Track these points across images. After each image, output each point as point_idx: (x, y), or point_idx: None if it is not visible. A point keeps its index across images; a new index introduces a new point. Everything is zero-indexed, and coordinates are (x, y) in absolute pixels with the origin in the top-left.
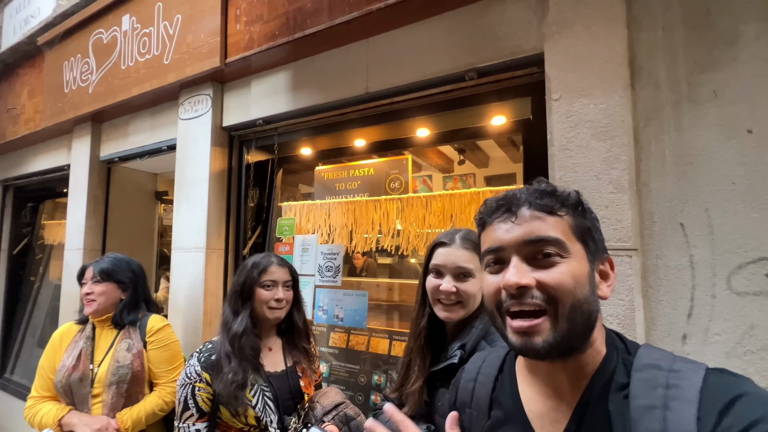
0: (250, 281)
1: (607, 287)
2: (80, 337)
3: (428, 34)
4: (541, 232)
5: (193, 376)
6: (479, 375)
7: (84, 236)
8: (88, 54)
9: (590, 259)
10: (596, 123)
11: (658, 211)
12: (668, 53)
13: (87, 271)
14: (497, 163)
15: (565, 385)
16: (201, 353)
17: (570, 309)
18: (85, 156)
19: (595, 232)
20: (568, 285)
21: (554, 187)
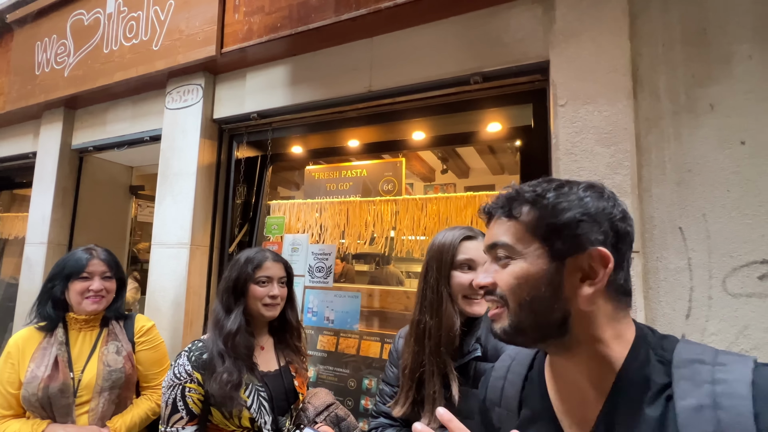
0: (243, 277)
1: (589, 286)
2: (49, 343)
3: (434, 37)
4: (496, 238)
5: (183, 376)
6: (509, 373)
7: (49, 229)
8: (65, 35)
9: (553, 258)
10: (600, 129)
11: (658, 215)
12: (668, 67)
13: (93, 264)
14: (477, 173)
15: (585, 383)
16: (191, 352)
17: (518, 305)
18: (55, 143)
19: (566, 229)
20: (510, 285)
21: (517, 190)
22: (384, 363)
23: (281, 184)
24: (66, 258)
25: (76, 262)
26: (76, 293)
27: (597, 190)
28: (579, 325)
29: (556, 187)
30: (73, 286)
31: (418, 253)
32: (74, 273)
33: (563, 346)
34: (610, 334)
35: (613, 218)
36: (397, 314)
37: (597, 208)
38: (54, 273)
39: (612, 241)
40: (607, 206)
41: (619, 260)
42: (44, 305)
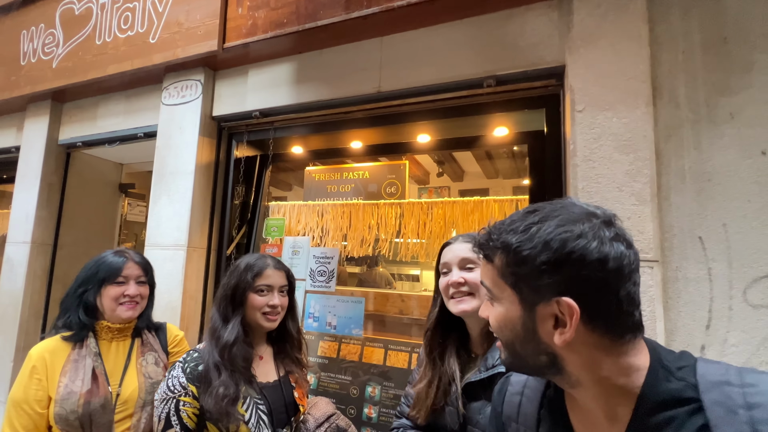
0: (243, 285)
1: (560, 335)
2: (80, 355)
3: (447, 38)
4: (482, 277)
5: (177, 389)
6: (526, 389)
7: (33, 228)
8: (54, 24)
9: (524, 304)
10: (619, 136)
11: (677, 225)
12: (688, 75)
13: (128, 268)
14: (472, 177)
15: (600, 414)
16: (186, 363)
17: (504, 344)
18: (41, 138)
19: (532, 279)
20: (493, 326)
21: (490, 235)
22: (387, 370)
23: (274, 185)
24: (98, 261)
25: (111, 265)
26: (111, 299)
27: (568, 228)
28: (573, 366)
29: (524, 229)
30: (107, 291)
31: (423, 257)
32: (109, 277)
33: (566, 383)
34: (614, 370)
35: (584, 261)
36: (394, 318)
37: (562, 252)
38: (86, 277)
39: (583, 286)
40: (575, 248)
41: (598, 304)
42: (75, 312)
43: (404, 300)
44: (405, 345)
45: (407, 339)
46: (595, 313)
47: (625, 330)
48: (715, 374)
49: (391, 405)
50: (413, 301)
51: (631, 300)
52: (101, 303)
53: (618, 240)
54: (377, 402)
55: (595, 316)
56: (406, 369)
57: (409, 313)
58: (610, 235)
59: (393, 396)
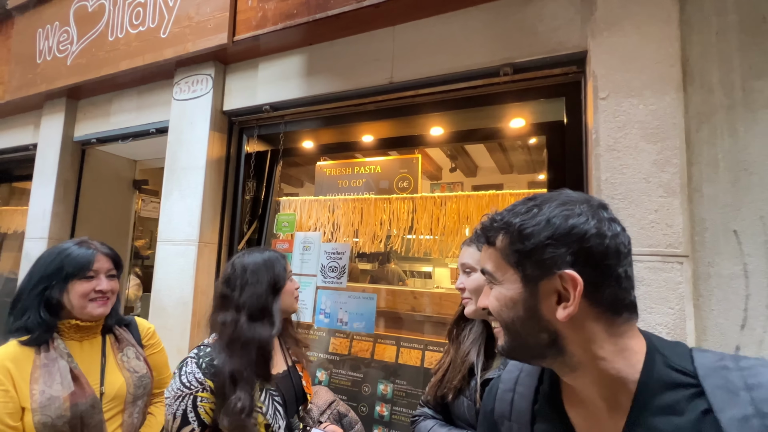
0: (282, 276)
1: (563, 309)
2: (50, 358)
3: (462, 26)
4: (483, 264)
5: (193, 384)
6: (517, 385)
7: (50, 224)
8: (68, 22)
9: (526, 281)
10: (646, 124)
11: (710, 218)
12: (722, 57)
13: (99, 261)
14: (486, 172)
15: (599, 401)
16: (199, 358)
17: (504, 327)
18: (57, 135)
19: (534, 254)
20: (493, 308)
21: (493, 218)
22: (400, 367)
23: (285, 181)
24: (60, 253)
25: (79, 259)
26: (80, 296)
27: (568, 207)
28: (574, 345)
29: (526, 211)
30: (75, 287)
31: (436, 253)
32: (78, 272)
33: (566, 366)
34: (612, 351)
35: (585, 236)
36: (406, 315)
37: (565, 228)
38: (48, 272)
39: (585, 261)
40: (576, 224)
41: (600, 277)
42: (35, 312)
43: (416, 297)
44: (418, 342)
45: (420, 336)
46: (595, 287)
47: (623, 308)
48: (712, 360)
49: (404, 403)
50: (425, 298)
51: (628, 279)
52: (68, 300)
53: (614, 221)
54: (389, 400)
55: (595, 289)
56: (419, 367)
57: (422, 311)
58: (608, 216)
59: (405, 394)
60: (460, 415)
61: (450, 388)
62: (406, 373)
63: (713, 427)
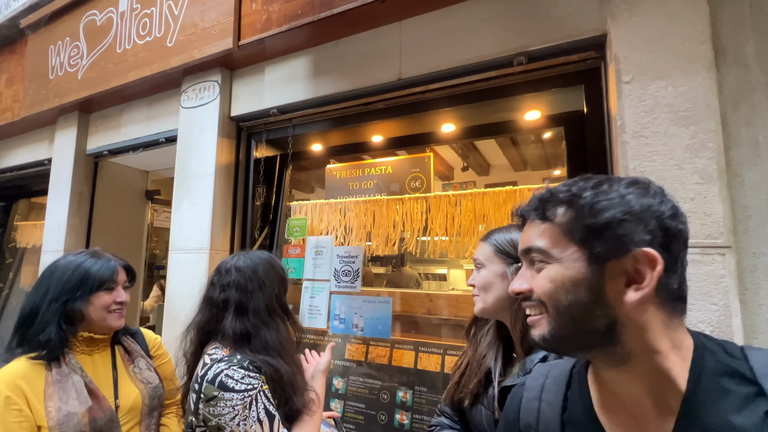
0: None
1: (636, 291)
2: (63, 374)
3: (471, 16)
4: (530, 242)
5: (255, 382)
6: (543, 393)
7: (65, 237)
8: (78, 37)
9: (593, 261)
10: (676, 107)
11: (753, 204)
12: (758, 31)
13: (120, 273)
14: (498, 170)
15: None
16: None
17: (556, 311)
18: (70, 149)
19: (606, 230)
20: (545, 289)
21: (552, 191)
22: (419, 373)
23: (295, 187)
24: (80, 266)
25: (102, 270)
26: (102, 308)
27: (641, 186)
28: (630, 334)
29: (594, 185)
30: (98, 299)
31: (453, 254)
32: (103, 283)
33: (615, 358)
34: (668, 345)
35: (662, 216)
36: (423, 318)
37: (642, 205)
38: (71, 284)
39: (661, 242)
40: (653, 203)
41: (670, 262)
42: (56, 326)
43: (432, 300)
44: (437, 347)
45: (439, 340)
46: (671, 269)
47: (681, 299)
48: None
49: (425, 411)
50: (441, 301)
51: (684, 268)
52: (90, 312)
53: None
54: (409, 408)
55: (665, 274)
56: (439, 372)
57: (438, 314)
58: (674, 200)
59: (426, 401)
60: (477, 424)
61: (466, 393)
62: (425, 379)
63: None
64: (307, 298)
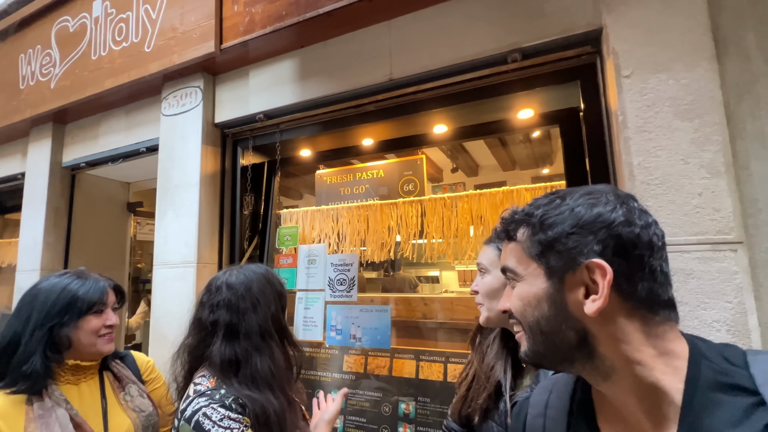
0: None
1: (593, 301)
2: (45, 408)
3: (462, 14)
4: (504, 261)
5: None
6: (548, 409)
7: (41, 254)
8: (50, 44)
9: (551, 275)
10: (679, 100)
11: (762, 197)
12: (758, 21)
13: (110, 294)
14: (487, 171)
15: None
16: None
17: (528, 327)
18: (45, 162)
19: (558, 243)
20: (516, 307)
21: (513, 211)
22: (421, 383)
23: (284, 194)
24: (65, 288)
25: (90, 292)
26: (91, 332)
27: (593, 196)
28: (606, 346)
29: (548, 202)
30: (87, 323)
31: (451, 257)
32: (92, 306)
33: (598, 374)
34: (650, 354)
35: (612, 224)
36: (422, 324)
37: (590, 216)
38: (58, 308)
39: (614, 250)
40: (603, 212)
41: (632, 269)
42: (41, 356)
43: (427, 303)
44: (438, 355)
45: (440, 348)
46: (628, 279)
47: (660, 305)
48: None
49: (429, 423)
50: (436, 304)
51: (664, 275)
52: (77, 338)
53: (645, 213)
54: (413, 420)
55: (628, 282)
56: (442, 381)
57: (434, 317)
58: (638, 206)
59: (430, 412)
60: None
61: (475, 408)
62: (428, 389)
63: None
64: (302, 309)
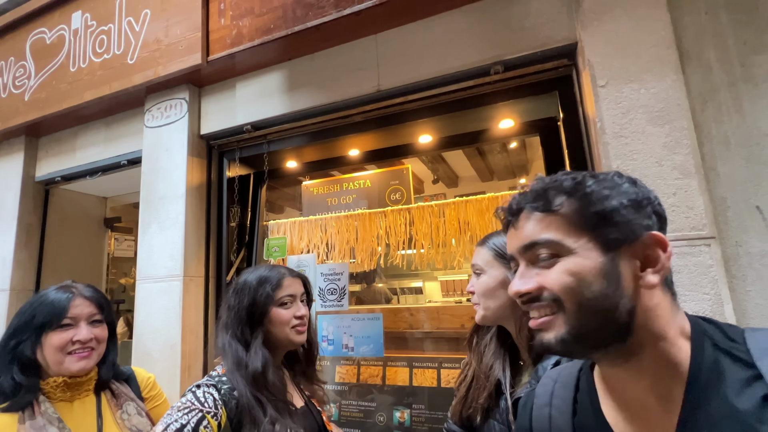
0: (262, 300)
1: (653, 274)
2: (36, 426)
3: (446, 28)
4: (534, 236)
5: (207, 404)
6: (553, 398)
7: (12, 273)
8: (24, 56)
9: (607, 249)
10: (650, 108)
11: (730, 196)
12: (716, 36)
13: (76, 306)
14: (467, 182)
15: (649, 398)
16: (220, 384)
17: (577, 307)
18: (16, 177)
19: (617, 215)
20: (566, 284)
21: (548, 182)
22: (414, 390)
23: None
24: (34, 302)
25: (52, 305)
26: (55, 349)
27: (627, 177)
28: (644, 322)
29: (592, 176)
30: (48, 339)
31: (441, 264)
32: (51, 321)
33: (624, 353)
34: (675, 330)
35: (654, 202)
36: (412, 334)
37: (638, 193)
38: (18, 325)
39: (659, 226)
40: (646, 190)
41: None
42: (7, 373)
43: (413, 314)
44: (431, 361)
45: (432, 354)
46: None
47: (672, 282)
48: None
49: (424, 430)
50: (422, 314)
51: None
52: (42, 356)
53: None
54: (408, 428)
55: None
56: (436, 387)
57: (420, 327)
58: None
59: (425, 419)
60: None
61: (476, 408)
62: (423, 395)
63: None
64: None
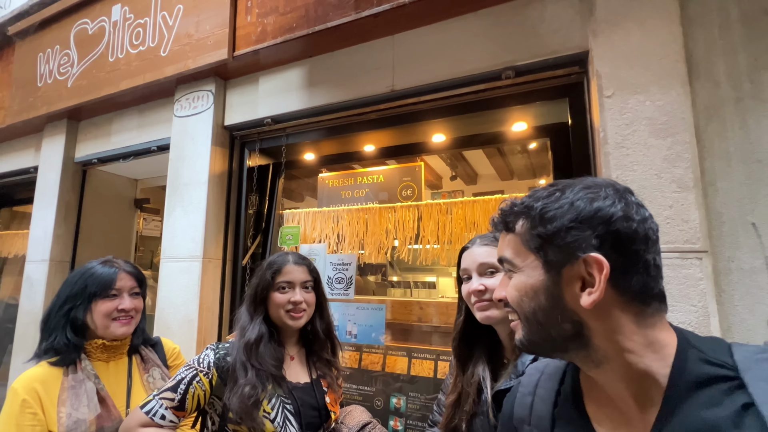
0: (264, 283)
1: (588, 294)
2: (78, 380)
3: (462, 32)
4: (501, 252)
5: (202, 365)
6: (538, 388)
7: (51, 246)
8: (68, 45)
9: (549, 268)
10: (654, 120)
11: (726, 211)
12: (726, 51)
13: (121, 279)
14: (486, 179)
15: (627, 399)
16: (218, 349)
17: (524, 317)
18: (58, 157)
19: (557, 237)
20: (512, 297)
21: (513, 203)
22: (411, 379)
23: (286, 196)
24: (84, 273)
25: (102, 278)
26: (103, 315)
27: (593, 190)
28: (600, 337)
29: (547, 195)
30: (97, 306)
31: (445, 261)
32: (100, 291)
33: (591, 361)
34: (641, 343)
35: (611, 219)
36: (414, 326)
37: (589, 211)
38: (73, 292)
39: (612, 244)
40: (602, 206)
41: (628, 263)
42: (62, 333)
43: (423, 308)
44: (429, 353)
45: (431, 346)
46: (623, 273)
47: (652, 297)
48: (754, 351)
49: (418, 416)
50: (432, 308)
51: (656, 267)
52: (92, 320)
53: (642, 207)
54: (403, 414)
55: (623, 276)
56: (432, 377)
57: (429, 321)
58: (635, 200)
59: (419, 407)
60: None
61: (463, 418)
62: (419, 384)
63: (755, 420)
64: None
